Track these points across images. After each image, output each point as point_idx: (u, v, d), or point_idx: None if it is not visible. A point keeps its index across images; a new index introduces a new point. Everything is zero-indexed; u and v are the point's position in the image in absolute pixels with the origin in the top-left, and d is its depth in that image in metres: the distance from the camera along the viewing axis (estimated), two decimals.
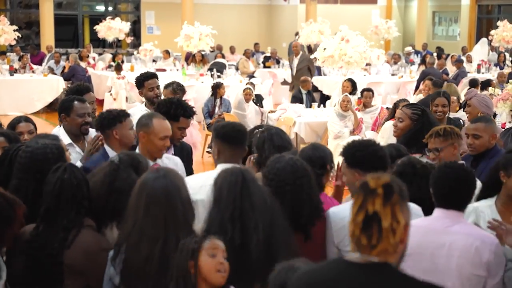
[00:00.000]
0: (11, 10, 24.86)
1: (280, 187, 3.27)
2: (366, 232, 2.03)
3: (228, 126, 3.89)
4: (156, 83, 6.19)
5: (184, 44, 15.85)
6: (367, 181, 2.06)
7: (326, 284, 2.08)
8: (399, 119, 5.08)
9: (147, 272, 2.87)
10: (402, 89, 15.92)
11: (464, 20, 25.23)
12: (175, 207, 2.93)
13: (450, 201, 3.20)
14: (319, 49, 11.40)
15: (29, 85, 15.11)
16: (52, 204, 3.19)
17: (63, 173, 3.22)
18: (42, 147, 3.55)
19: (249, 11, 25.40)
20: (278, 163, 3.35)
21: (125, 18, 23.85)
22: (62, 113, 4.94)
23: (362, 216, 2.03)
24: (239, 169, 3.13)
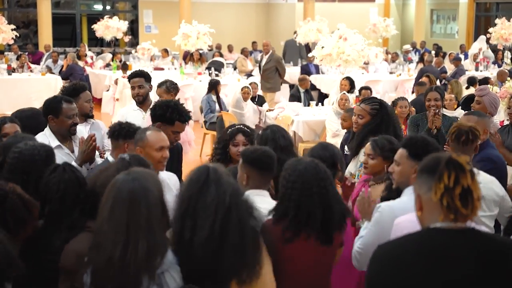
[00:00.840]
0: (8, 9, 24.84)
1: (307, 189, 3.22)
2: (463, 203, 2.32)
3: (258, 151, 3.78)
4: (137, 83, 6.12)
5: (182, 43, 15.84)
6: (457, 159, 2.37)
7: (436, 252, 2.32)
8: (359, 115, 5.05)
9: (109, 275, 2.81)
10: (400, 87, 15.93)
11: (462, 18, 25.23)
12: (138, 211, 2.84)
13: None
14: (317, 47, 11.38)
15: (27, 84, 15.10)
16: (55, 206, 3.19)
17: (63, 174, 3.23)
18: (31, 148, 3.54)
19: (247, 10, 25.39)
20: (299, 165, 3.29)
21: (123, 17, 23.84)
22: (50, 115, 4.82)
23: (459, 190, 2.32)
24: (207, 167, 3.05)
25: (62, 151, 4.76)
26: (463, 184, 2.33)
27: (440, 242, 2.34)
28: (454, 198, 2.33)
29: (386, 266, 2.38)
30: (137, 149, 4.11)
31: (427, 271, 2.30)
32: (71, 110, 4.83)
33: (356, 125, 5.09)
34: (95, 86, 16.22)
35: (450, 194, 2.33)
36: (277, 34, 24.75)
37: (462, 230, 2.34)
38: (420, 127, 6.47)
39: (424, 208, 2.44)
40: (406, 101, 7.97)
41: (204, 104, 11.38)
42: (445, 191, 2.34)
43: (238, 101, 10.98)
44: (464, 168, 2.35)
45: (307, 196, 3.22)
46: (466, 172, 2.34)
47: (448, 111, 8.43)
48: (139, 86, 6.14)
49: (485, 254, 2.32)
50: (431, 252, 2.32)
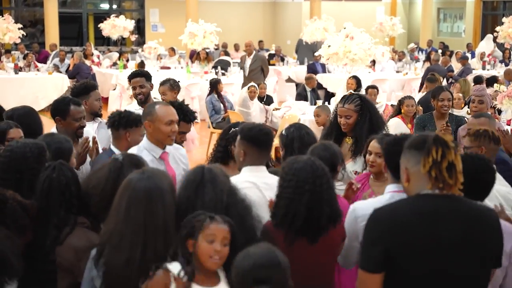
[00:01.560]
0: (15, 8, 24.91)
1: (299, 188, 3.21)
2: (449, 174, 2.66)
3: (256, 128, 3.83)
4: (140, 82, 6.10)
5: (188, 42, 15.83)
6: (443, 137, 2.70)
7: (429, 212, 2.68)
8: (346, 116, 4.99)
9: (127, 276, 2.80)
10: (407, 86, 15.90)
11: (469, 17, 25.15)
12: (156, 211, 2.85)
13: (472, 191, 3.15)
14: (323, 46, 11.37)
15: (33, 83, 15.12)
16: (42, 203, 3.18)
17: (52, 172, 3.21)
18: (22, 146, 3.51)
19: (253, 9, 25.38)
20: (296, 164, 3.29)
21: (129, 16, 23.86)
22: (57, 116, 4.81)
23: (446, 163, 2.66)
24: (202, 168, 3.07)
25: None
26: (448, 158, 2.66)
27: (431, 205, 2.69)
28: (442, 171, 2.66)
29: (382, 226, 2.70)
30: (146, 123, 4.13)
31: (420, 229, 2.66)
32: (78, 113, 4.82)
33: (346, 126, 5.03)
34: (102, 85, 16.22)
35: (438, 167, 2.66)
36: (284, 33, 24.75)
37: (448, 195, 2.69)
38: (427, 128, 6.44)
39: (411, 180, 2.78)
40: (412, 100, 7.95)
41: (208, 105, 11.36)
42: (433, 164, 2.67)
43: (244, 100, 10.99)
44: (449, 145, 2.68)
45: (299, 194, 3.21)
46: (451, 149, 2.68)
47: (456, 110, 8.41)
48: (140, 86, 6.12)
49: (468, 215, 2.71)
50: (424, 213, 2.68)
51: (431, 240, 2.65)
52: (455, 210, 2.70)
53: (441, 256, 2.66)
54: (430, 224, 2.66)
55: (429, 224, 2.66)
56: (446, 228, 2.66)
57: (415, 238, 2.66)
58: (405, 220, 2.69)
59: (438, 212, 2.68)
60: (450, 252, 2.66)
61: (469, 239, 2.68)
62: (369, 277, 2.72)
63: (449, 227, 2.67)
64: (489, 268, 2.81)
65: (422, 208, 2.70)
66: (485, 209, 2.85)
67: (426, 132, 2.87)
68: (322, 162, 3.36)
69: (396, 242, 2.66)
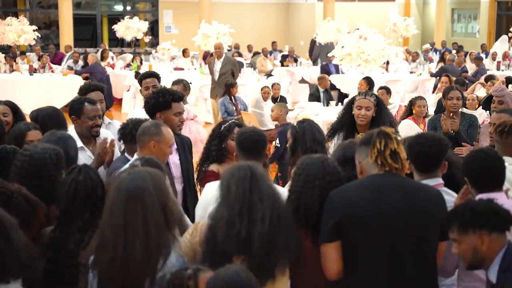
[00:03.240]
0: (30, 10, 25.08)
1: (309, 182, 3.25)
2: (394, 160, 3.09)
3: (246, 135, 3.89)
4: (152, 83, 6.07)
5: (201, 43, 15.87)
6: (385, 130, 3.12)
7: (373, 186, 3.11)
8: (367, 108, 5.11)
9: (112, 276, 2.82)
10: (420, 87, 15.83)
11: (483, 17, 25.02)
12: (134, 212, 2.84)
13: (491, 182, 3.36)
14: (337, 47, 11.37)
15: (48, 85, 15.21)
16: (67, 206, 3.18)
17: (78, 175, 3.21)
18: (42, 152, 3.48)
19: (266, 10, 25.40)
20: (309, 159, 3.36)
21: (143, 17, 23.95)
22: (73, 115, 4.84)
23: (388, 151, 3.08)
24: (246, 164, 3.10)
25: (84, 154, 4.76)
26: (391, 147, 3.08)
27: (375, 180, 3.12)
28: (386, 158, 3.08)
29: (334, 201, 3.09)
30: (151, 143, 4.07)
31: (365, 199, 3.07)
32: (93, 111, 4.82)
33: (365, 118, 5.11)
34: (116, 86, 16.30)
35: (382, 155, 3.09)
36: (297, 34, 24.74)
37: (392, 173, 3.11)
38: (438, 129, 6.43)
39: (363, 171, 3.22)
40: (424, 100, 7.92)
41: (220, 107, 11.37)
42: (378, 153, 3.09)
43: (258, 101, 10.99)
44: (391, 136, 3.10)
45: (308, 188, 3.24)
46: (393, 139, 3.10)
47: (469, 111, 8.37)
48: (153, 86, 6.07)
49: (410, 187, 3.14)
50: (369, 186, 3.11)
51: (375, 209, 3.05)
52: (398, 183, 3.12)
53: (385, 223, 3.05)
54: (374, 195, 3.07)
55: (373, 195, 3.07)
56: (389, 198, 3.06)
57: (361, 208, 3.06)
58: (353, 194, 3.10)
59: (382, 185, 3.10)
60: (393, 218, 3.06)
61: (411, 208, 3.07)
62: (327, 247, 3.09)
63: (391, 196, 3.07)
64: (434, 239, 3.16)
65: (368, 183, 3.13)
66: (428, 186, 3.29)
67: (373, 129, 3.26)
68: (336, 162, 3.40)
69: (345, 213, 3.06)
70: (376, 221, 3.04)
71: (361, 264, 3.10)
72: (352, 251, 3.09)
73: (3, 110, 5.14)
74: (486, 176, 3.35)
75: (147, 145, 4.05)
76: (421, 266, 3.12)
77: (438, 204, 3.16)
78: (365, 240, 3.06)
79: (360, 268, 3.10)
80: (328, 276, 3.14)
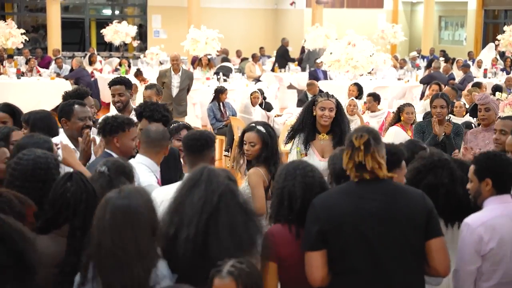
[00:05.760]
0: (18, 13, 24.95)
1: (290, 175, 3.32)
2: (359, 171, 3.15)
3: (189, 133, 4.03)
4: (117, 90, 6.06)
5: (190, 48, 15.87)
6: (353, 140, 3.14)
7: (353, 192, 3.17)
8: (331, 109, 5.24)
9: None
10: (408, 94, 15.92)
11: (470, 25, 25.20)
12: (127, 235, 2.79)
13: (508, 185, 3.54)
14: (325, 53, 11.40)
15: (36, 88, 15.13)
16: (81, 216, 3.11)
17: (83, 184, 3.15)
18: (44, 156, 3.46)
19: (255, 15, 25.44)
20: (287, 163, 3.48)
21: (131, 21, 23.91)
22: (63, 118, 4.86)
23: (351, 164, 3.15)
24: (203, 168, 3.09)
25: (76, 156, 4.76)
26: (355, 160, 3.13)
27: (355, 186, 3.17)
28: (350, 171, 3.17)
29: (317, 210, 3.14)
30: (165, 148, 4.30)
31: (346, 206, 3.13)
32: (83, 113, 4.87)
33: (328, 118, 5.22)
34: (104, 91, 16.24)
35: (347, 166, 3.18)
36: None
37: (371, 179, 3.15)
38: (426, 134, 6.47)
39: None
40: (412, 107, 7.96)
41: (209, 112, 11.37)
42: (348, 161, 3.17)
43: (246, 106, 11.00)
44: (358, 147, 3.13)
45: (291, 179, 3.29)
46: (360, 150, 3.12)
47: (457, 118, 8.42)
48: (119, 94, 6.06)
49: (389, 192, 3.17)
50: (349, 193, 3.17)
51: (356, 216, 3.10)
52: (378, 188, 3.15)
53: (367, 230, 3.10)
54: (355, 202, 3.12)
55: (354, 201, 3.13)
56: (370, 204, 3.11)
57: (342, 215, 3.11)
58: (334, 201, 3.16)
59: (362, 191, 3.15)
60: (375, 225, 3.10)
61: (392, 213, 3.11)
62: (311, 254, 3.13)
63: (372, 203, 3.11)
64: (419, 241, 3.16)
65: (349, 190, 3.19)
66: (410, 188, 3.30)
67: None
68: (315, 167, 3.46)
69: (328, 221, 3.11)
70: (357, 228, 3.09)
71: (345, 271, 3.13)
72: (336, 259, 3.13)
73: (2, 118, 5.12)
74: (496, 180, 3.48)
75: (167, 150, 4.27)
76: (407, 271, 3.14)
77: (421, 204, 3.17)
78: (348, 247, 3.11)
79: (345, 275, 3.14)
80: (312, 283, 3.16)
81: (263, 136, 4.58)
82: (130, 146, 4.39)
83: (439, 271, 3.20)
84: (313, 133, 5.26)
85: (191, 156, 3.93)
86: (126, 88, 6.13)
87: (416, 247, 3.16)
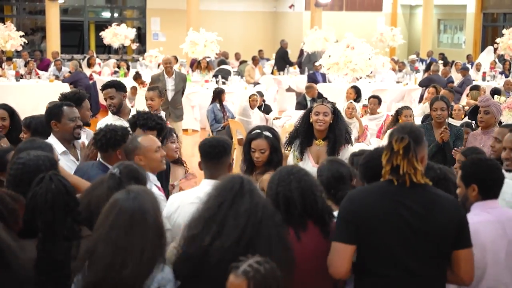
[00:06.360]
0: (17, 16, 24.97)
1: (284, 179, 3.28)
2: (394, 175, 3.12)
3: (206, 140, 3.98)
4: (108, 94, 6.10)
5: (189, 50, 15.87)
6: (392, 143, 3.10)
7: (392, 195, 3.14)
8: (325, 113, 5.25)
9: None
10: (407, 97, 15.92)
11: (469, 28, 25.22)
12: (136, 234, 2.83)
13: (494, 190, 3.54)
14: (324, 56, 11.41)
15: (34, 91, 15.11)
16: (48, 217, 3.09)
17: (50, 183, 3.13)
18: (35, 158, 3.44)
19: (254, 18, 25.45)
20: (278, 169, 3.47)
21: (130, 24, 23.92)
22: (52, 120, 4.80)
23: (389, 167, 3.11)
24: (240, 178, 3.09)
25: (67, 158, 4.75)
26: (392, 162, 3.11)
27: (398, 190, 3.12)
28: (385, 173, 3.13)
29: (355, 206, 3.14)
30: (136, 158, 4.03)
31: (384, 209, 3.11)
32: (73, 113, 4.85)
33: (323, 123, 5.25)
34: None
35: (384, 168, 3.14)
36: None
37: (411, 183, 3.10)
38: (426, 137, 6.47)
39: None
40: (410, 110, 7.98)
41: (210, 114, 11.35)
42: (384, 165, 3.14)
43: (245, 109, 10.98)
44: (397, 152, 3.10)
45: (285, 184, 3.26)
46: (398, 155, 3.09)
47: (455, 121, 8.42)
48: (110, 97, 6.12)
49: (427, 199, 3.13)
50: (392, 196, 3.12)
51: (392, 221, 3.09)
52: (415, 194, 3.12)
53: (400, 235, 3.09)
54: (392, 206, 3.10)
55: (392, 205, 3.11)
56: (408, 210, 3.09)
57: (379, 218, 3.10)
58: (372, 201, 3.14)
59: (400, 195, 3.12)
60: (408, 233, 3.09)
61: (427, 222, 3.09)
62: (342, 247, 3.14)
63: (408, 211, 3.09)
64: (448, 250, 3.16)
65: (387, 191, 3.14)
66: (445, 195, 3.23)
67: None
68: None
69: (365, 219, 3.11)
70: (390, 235, 3.10)
71: (370, 272, 3.16)
72: (363, 258, 3.16)
73: (1, 115, 5.14)
74: (499, 185, 3.54)
75: (136, 161, 4.01)
76: (431, 279, 3.16)
77: (455, 215, 3.15)
78: (377, 251, 3.13)
79: (368, 277, 3.17)
80: (335, 274, 3.18)
81: (271, 141, 4.66)
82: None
83: (465, 281, 3.20)
84: (310, 138, 5.31)
85: (209, 163, 3.91)
86: (116, 90, 6.14)
87: (443, 256, 3.17)
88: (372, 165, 3.47)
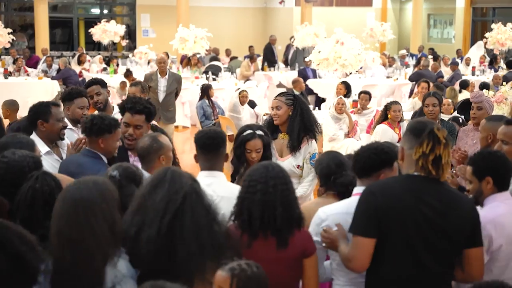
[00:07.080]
0: (5, 13, 24.81)
1: (251, 187, 3.23)
2: (434, 166, 3.11)
3: (202, 133, 3.98)
4: (94, 90, 5.97)
5: (179, 47, 15.84)
6: (437, 133, 3.09)
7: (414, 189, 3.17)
8: (277, 107, 5.29)
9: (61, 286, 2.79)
10: (397, 92, 15.95)
11: (459, 23, 25.28)
12: (80, 223, 2.78)
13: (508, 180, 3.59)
14: (314, 51, 11.40)
15: (23, 88, 15.05)
16: (25, 214, 3.07)
17: (35, 182, 3.11)
18: (19, 159, 3.37)
19: (244, 14, 25.41)
20: (255, 165, 3.41)
21: (120, 21, 23.82)
22: (39, 119, 4.73)
23: (432, 157, 3.09)
24: (167, 168, 3.04)
25: (52, 157, 4.71)
26: (436, 152, 3.09)
27: (419, 184, 3.16)
28: (427, 163, 3.10)
29: (376, 199, 3.13)
30: (162, 157, 4.14)
31: (410, 203, 3.12)
32: (59, 114, 4.81)
33: (276, 117, 5.30)
34: None
35: (425, 158, 3.11)
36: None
37: (433, 179, 3.14)
38: None
39: (404, 159, 3.30)
40: (399, 105, 7.98)
41: (199, 110, 11.31)
42: (422, 155, 3.11)
43: (235, 105, 10.98)
44: (440, 140, 3.10)
45: (250, 193, 3.22)
46: (442, 144, 3.09)
47: (444, 115, 8.44)
48: (96, 93, 5.97)
49: (447, 197, 3.17)
50: (413, 190, 3.15)
51: (413, 217, 3.11)
52: (437, 191, 3.16)
53: (418, 229, 3.11)
54: (413, 201, 3.12)
55: (413, 200, 3.12)
56: (427, 206, 3.12)
57: (401, 213, 3.12)
58: (395, 195, 3.15)
59: (422, 190, 3.15)
60: (426, 230, 3.12)
61: (445, 218, 3.13)
62: (363, 241, 3.16)
63: (428, 207, 3.12)
64: (460, 248, 3.21)
65: (410, 185, 3.17)
66: (461, 195, 3.33)
67: (426, 121, 3.35)
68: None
69: (386, 210, 3.12)
70: (410, 227, 3.12)
71: (384, 264, 3.19)
72: (379, 250, 3.17)
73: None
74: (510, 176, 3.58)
75: (160, 159, 4.14)
76: (442, 275, 3.21)
77: (471, 214, 3.21)
78: (394, 242, 3.15)
79: (382, 268, 3.20)
80: (355, 268, 3.23)
81: (265, 139, 4.72)
82: (114, 147, 4.39)
83: (475, 279, 3.19)
84: (275, 132, 5.37)
85: (208, 155, 3.90)
86: (102, 86, 6.07)
87: (456, 254, 3.22)
88: (359, 158, 3.49)
